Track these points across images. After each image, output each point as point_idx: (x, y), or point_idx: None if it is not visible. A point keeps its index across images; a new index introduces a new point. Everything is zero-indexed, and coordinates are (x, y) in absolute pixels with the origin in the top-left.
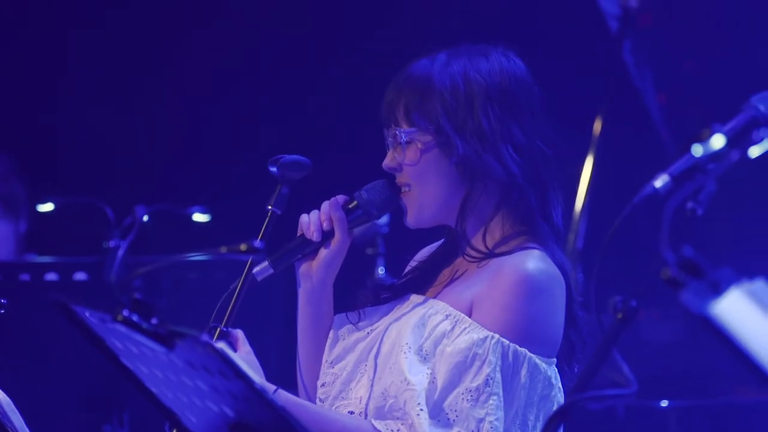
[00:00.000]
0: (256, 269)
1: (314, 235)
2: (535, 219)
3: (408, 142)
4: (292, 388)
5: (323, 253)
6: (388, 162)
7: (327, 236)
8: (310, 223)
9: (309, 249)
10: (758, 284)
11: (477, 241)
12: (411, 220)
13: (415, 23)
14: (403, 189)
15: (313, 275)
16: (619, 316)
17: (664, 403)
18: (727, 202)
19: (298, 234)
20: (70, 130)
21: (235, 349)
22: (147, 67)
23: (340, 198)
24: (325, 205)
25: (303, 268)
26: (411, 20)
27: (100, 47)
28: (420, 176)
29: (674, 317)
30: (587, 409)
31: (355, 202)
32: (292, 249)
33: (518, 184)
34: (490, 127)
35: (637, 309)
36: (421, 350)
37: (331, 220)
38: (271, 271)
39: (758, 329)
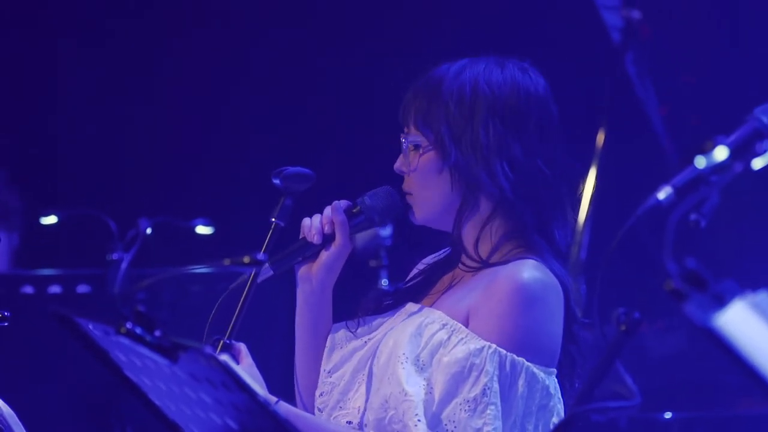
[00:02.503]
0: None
1: (315, 238)
2: (529, 234)
3: (413, 147)
4: (294, 400)
5: (324, 256)
6: (397, 165)
7: (328, 239)
8: (311, 225)
9: (310, 252)
10: (762, 296)
11: (470, 249)
12: (415, 218)
13: (415, 33)
14: (407, 194)
15: (313, 278)
16: (623, 327)
17: (668, 415)
18: (731, 214)
19: (300, 237)
20: (73, 142)
21: (237, 362)
22: (149, 79)
23: (343, 203)
24: (328, 209)
25: (302, 271)
26: (412, 29)
27: (101, 57)
28: (419, 182)
29: (677, 328)
30: (590, 420)
31: (358, 208)
32: (292, 251)
33: (508, 199)
34: (488, 140)
35: (640, 320)
36: (418, 360)
37: (332, 224)
38: (271, 272)
39: (762, 341)
